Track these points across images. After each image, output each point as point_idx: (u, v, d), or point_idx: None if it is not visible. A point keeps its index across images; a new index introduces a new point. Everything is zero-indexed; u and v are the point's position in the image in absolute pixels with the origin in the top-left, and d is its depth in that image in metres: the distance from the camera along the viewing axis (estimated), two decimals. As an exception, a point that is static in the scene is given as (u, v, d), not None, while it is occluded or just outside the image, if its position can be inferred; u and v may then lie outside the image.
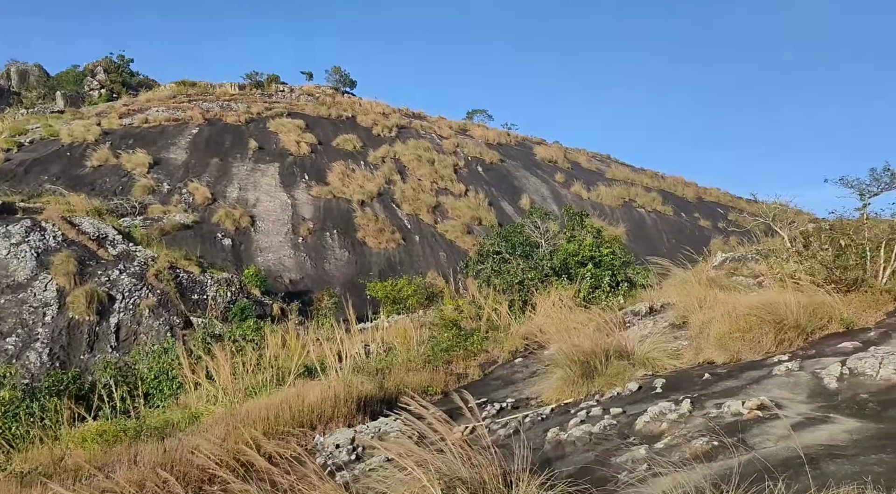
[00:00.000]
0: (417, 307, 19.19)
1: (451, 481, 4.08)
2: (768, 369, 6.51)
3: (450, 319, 12.69)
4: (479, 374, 10.76)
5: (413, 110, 50.54)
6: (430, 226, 33.68)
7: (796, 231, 10.28)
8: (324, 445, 7.14)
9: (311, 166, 36.67)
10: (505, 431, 6.81)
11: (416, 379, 9.87)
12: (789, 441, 4.58)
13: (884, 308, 8.12)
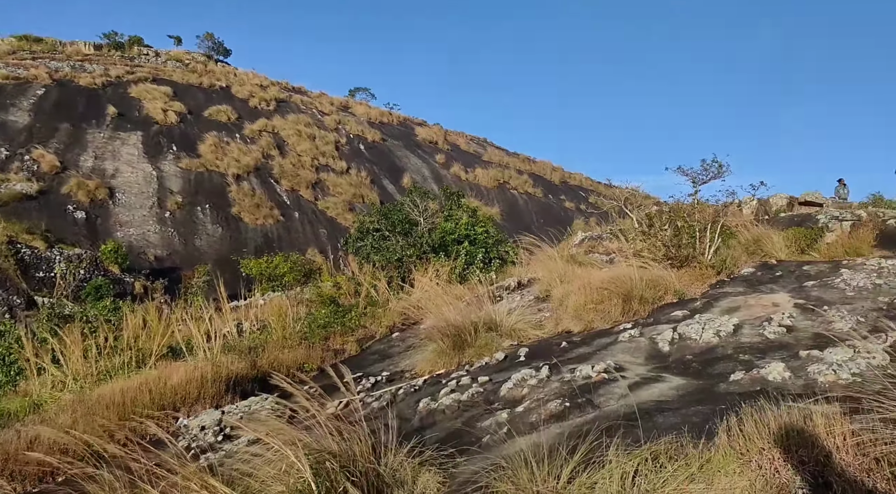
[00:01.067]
0: (295, 284, 18.99)
1: (321, 456, 4.21)
2: (615, 336, 7.31)
3: (328, 295, 12.78)
4: (357, 349, 11.00)
5: (293, 85, 48.95)
6: (310, 203, 33.12)
7: (643, 214, 11.45)
8: (188, 428, 7.03)
9: (180, 137, 34.59)
10: (379, 403, 7.10)
11: (292, 356, 9.90)
12: (628, 399, 5.27)
13: (708, 281, 9.32)
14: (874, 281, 7.96)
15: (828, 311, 6.80)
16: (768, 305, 7.47)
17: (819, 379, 4.89)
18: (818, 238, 10.45)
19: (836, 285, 8.04)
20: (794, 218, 12.49)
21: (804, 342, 6.07)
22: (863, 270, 8.50)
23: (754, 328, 6.70)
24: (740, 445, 3.43)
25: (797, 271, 9.14)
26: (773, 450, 3.27)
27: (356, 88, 58.06)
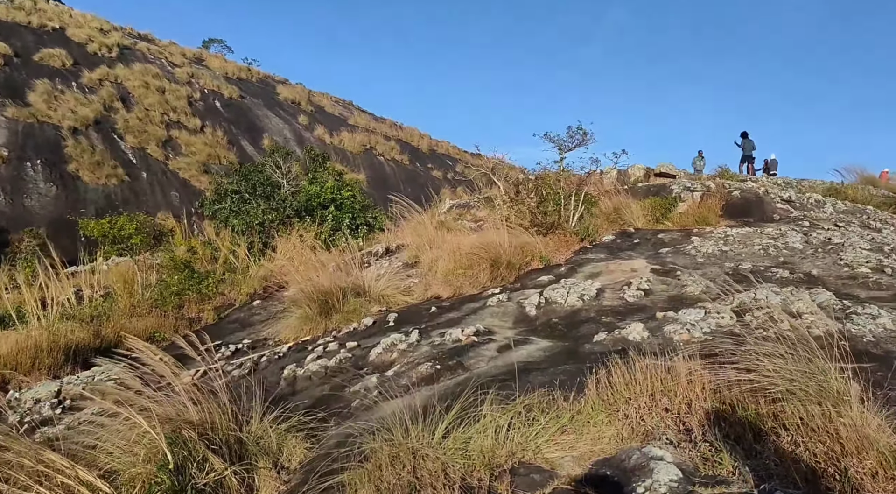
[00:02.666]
0: (143, 249, 17.40)
1: (177, 424, 3.86)
2: (484, 301, 7.34)
3: (182, 260, 11.78)
4: (215, 318, 10.28)
5: (139, 31, 44.41)
6: (160, 162, 30.48)
7: (510, 181, 11.66)
8: (20, 400, 6.20)
9: (5, 83, 30.26)
10: (240, 371, 6.65)
11: (142, 325, 9.05)
12: (498, 361, 5.27)
13: (572, 248, 9.68)
14: (721, 248, 8.65)
15: (681, 275, 7.25)
16: (628, 270, 7.85)
17: (675, 338, 5.15)
18: (672, 208, 11.22)
19: (688, 252, 8.64)
20: (650, 188, 13.34)
21: (660, 304, 6.42)
22: (711, 238, 9.22)
23: (615, 292, 6.99)
24: (608, 396, 3.52)
25: (653, 239, 9.73)
26: (639, 400, 3.36)
27: (210, 40, 53.67)
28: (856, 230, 10.36)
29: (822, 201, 13.42)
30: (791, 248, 8.72)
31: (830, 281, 7.05)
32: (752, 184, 14.88)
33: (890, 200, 15.75)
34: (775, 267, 7.68)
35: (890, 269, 7.38)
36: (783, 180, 19.93)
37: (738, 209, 11.96)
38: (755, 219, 11.34)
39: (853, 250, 8.41)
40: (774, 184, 17.15)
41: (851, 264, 7.75)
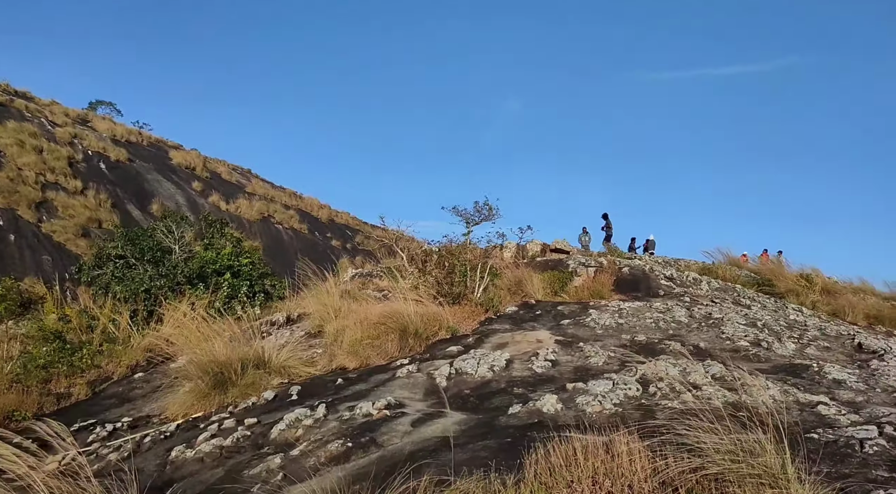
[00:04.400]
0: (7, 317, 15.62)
1: None
2: (393, 372, 7.15)
3: (52, 330, 10.66)
4: (88, 393, 9.27)
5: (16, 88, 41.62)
6: (31, 224, 28.03)
7: (417, 251, 11.75)
8: None
9: None
10: (118, 455, 5.99)
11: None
12: (412, 436, 5.08)
13: (478, 318, 9.77)
14: (617, 321, 9.05)
15: (584, 347, 7.47)
16: (533, 341, 7.98)
17: (588, 410, 5.23)
18: (568, 281, 11.70)
19: (588, 324, 8.95)
20: (548, 262, 13.90)
21: (567, 375, 6.54)
22: (607, 310, 9.63)
23: (524, 362, 7.06)
24: (548, 479, 3.39)
25: (553, 311, 10.03)
26: (582, 483, 3.27)
27: (98, 101, 51.36)
28: (730, 306, 11.22)
29: (699, 278, 14.51)
30: (678, 322, 9.27)
31: (717, 353, 7.52)
32: (639, 262, 15.89)
33: (752, 279, 17.27)
34: (667, 339, 8.11)
35: (766, 343, 8.00)
36: (663, 259, 21.47)
37: (628, 284, 12.67)
38: (643, 294, 12.03)
39: (732, 324, 9.07)
40: (656, 262, 18.42)
41: (732, 337, 8.34)
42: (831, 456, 3.62)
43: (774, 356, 7.34)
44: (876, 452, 3.68)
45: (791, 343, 8.04)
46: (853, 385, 5.85)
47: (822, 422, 4.48)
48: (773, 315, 10.63)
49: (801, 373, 6.41)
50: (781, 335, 8.68)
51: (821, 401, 5.07)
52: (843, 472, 3.36)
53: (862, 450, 3.71)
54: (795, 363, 6.87)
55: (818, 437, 4.03)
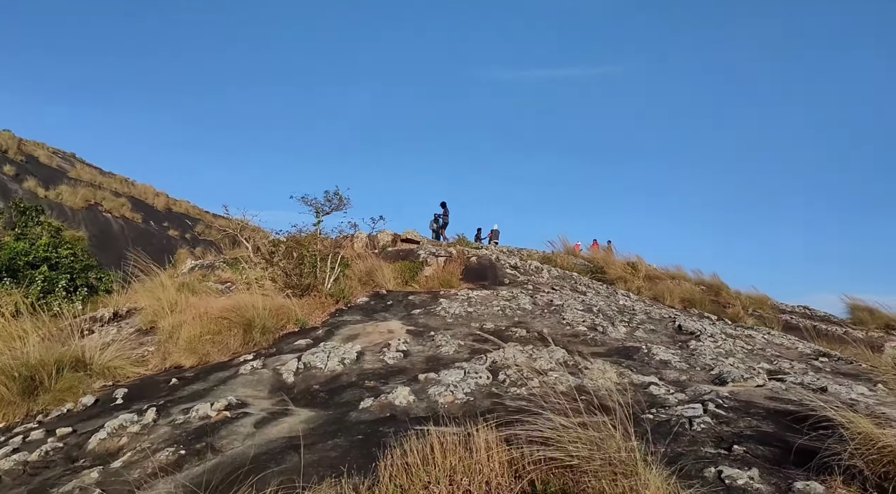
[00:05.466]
0: None
1: None
2: (235, 368, 6.68)
3: None
4: None
5: None
6: None
7: (261, 242, 11.12)
8: None
9: None
10: None
11: None
12: (256, 438, 4.74)
13: (328, 310, 9.46)
14: (466, 309, 9.20)
15: (435, 336, 7.48)
16: (385, 332, 7.87)
17: (440, 400, 5.21)
18: (419, 271, 11.71)
19: (438, 313, 9.01)
20: (399, 253, 13.83)
21: (419, 365, 6.50)
22: (456, 299, 9.77)
23: (375, 354, 6.92)
24: (404, 481, 3.25)
25: (405, 301, 9.98)
26: (440, 484, 3.17)
27: None
28: (569, 293, 11.92)
29: (540, 267, 15.29)
30: (523, 309, 9.65)
31: (559, 339, 7.90)
32: (486, 251, 16.40)
33: (587, 268, 18.58)
34: (514, 327, 8.39)
35: (601, 327, 8.57)
36: (507, 248, 22.41)
37: (476, 273, 13.00)
38: (490, 282, 12.41)
39: (571, 311, 9.61)
40: (501, 251, 19.15)
41: (572, 323, 8.83)
42: (666, 436, 3.88)
43: (609, 340, 7.86)
44: (703, 429, 4.01)
45: (623, 327, 8.67)
46: (677, 365, 6.41)
47: (655, 402, 4.82)
48: (606, 301, 11.45)
49: (633, 355, 6.91)
50: (614, 319, 9.34)
51: (652, 382, 5.47)
52: (677, 451, 3.61)
53: (691, 428, 4.03)
54: (628, 346, 7.40)
55: (653, 417, 4.32)
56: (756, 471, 3.21)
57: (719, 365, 6.39)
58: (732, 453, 3.59)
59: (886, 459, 2.97)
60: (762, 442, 3.77)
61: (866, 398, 5.11)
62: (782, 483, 3.13)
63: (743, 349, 7.91)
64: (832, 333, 12.71)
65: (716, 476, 3.22)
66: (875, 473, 2.98)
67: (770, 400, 4.96)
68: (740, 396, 5.09)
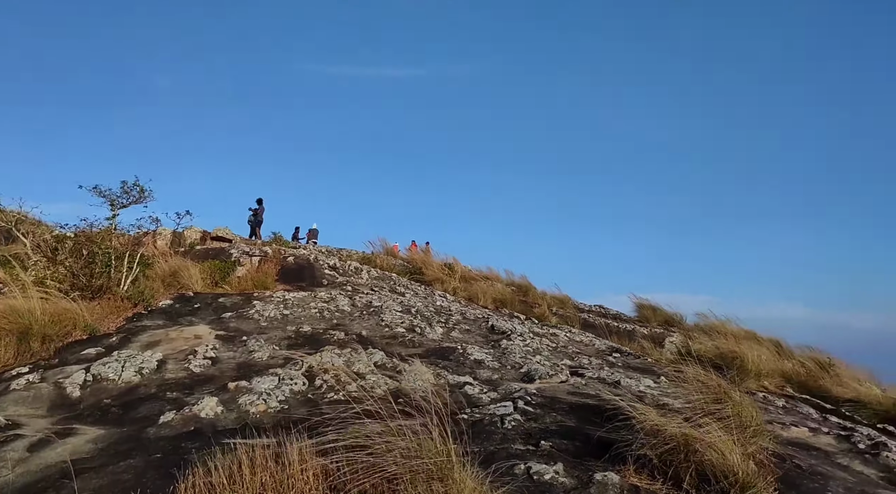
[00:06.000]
0: None
1: None
2: (6, 384, 5.71)
3: None
4: None
5: None
6: None
7: (41, 238, 9.67)
8: None
9: None
10: None
11: None
12: (29, 464, 4.07)
13: (125, 314, 8.51)
14: (282, 312, 8.81)
15: (248, 341, 7.06)
16: (191, 337, 7.25)
17: (251, 410, 4.91)
18: (231, 271, 10.99)
19: (252, 316, 8.52)
20: (209, 251, 12.86)
21: (229, 373, 6.08)
22: (272, 302, 9.31)
23: (179, 362, 6.34)
24: None
25: (214, 304, 9.30)
26: None
27: None
28: (388, 294, 12.00)
29: (360, 268, 15.22)
30: (342, 311, 9.50)
31: (378, 340, 7.89)
32: (304, 251, 15.94)
33: (405, 268, 18.91)
34: (332, 329, 8.22)
35: (419, 328, 8.71)
36: (326, 248, 22.03)
37: (293, 274, 12.56)
38: (308, 284, 12.06)
39: (390, 312, 9.67)
40: (320, 251, 18.77)
41: (391, 324, 8.87)
42: (480, 435, 4.01)
43: (427, 341, 8.01)
44: (514, 426, 4.21)
45: (440, 328, 8.90)
46: (490, 364, 6.71)
47: (470, 402, 4.98)
48: (424, 302, 11.70)
49: (450, 355, 7.11)
50: (432, 320, 9.56)
51: (467, 382, 5.65)
52: (490, 450, 3.74)
53: (503, 426, 4.21)
54: (444, 347, 7.60)
55: (468, 417, 4.45)
56: (561, 465, 3.43)
57: (528, 363, 6.80)
58: (540, 448, 3.81)
59: (669, 446, 3.34)
60: (566, 437, 4.05)
61: (652, 389, 5.76)
62: (584, 475, 3.38)
63: (548, 347, 8.52)
64: (623, 330, 14.24)
65: (525, 472, 3.39)
66: (661, 460, 3.34)
67: (572, 395, 5.38)
68: (546, 392, 5.45)
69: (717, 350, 8.84)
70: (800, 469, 4.06)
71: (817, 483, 3.86)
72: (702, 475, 3.27)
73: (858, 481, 4.15)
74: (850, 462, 4.57)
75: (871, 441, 5.11)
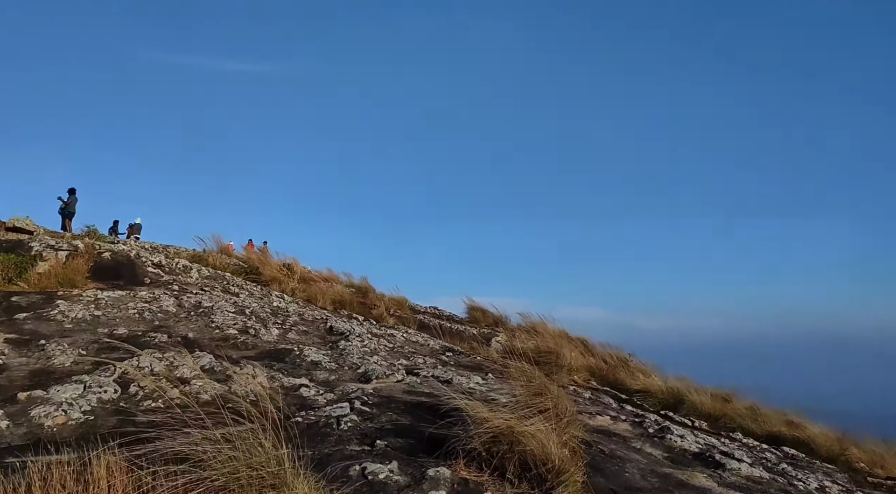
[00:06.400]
0: None
1: None
2: None
3: None
4: None
5: None
6: None
7: None
8: None
9: None
10: None
11: None
12: None
13: None
14: (93, 313, 7.91)
15: (47, 345, 6.24)
16: (-27, 343, 6.25)
17: (48, 423, 4.34)
18: (30, 267, 9.64)
19: (54, 318, 7.55)
20: (2, 243, 11.16)
21: (20, 381, 5.33)
22: (80, 301, 8.33)
23: (-46, 371, 5.44)
24: None
25: (6, 303, 8.12)
26: None
27: None
28: (220, 295, 11.32)
29: (189, 266, 14.19)
30: (166, 312, 8.79)
31: (206, 343, 7.40)
32: (124, 247, 14.53)
33: (241, 268, 18.00)
34: (153, 332, 7.56)
35: (253, 330, 8.31)
36: (150, 245, 20.30)
37: (110, 272, 11.38)
38: (127, 282, 11.00)
39: (222, 313, 9.12)
40: (143, 247, 17.24)
41: (222, 326, 8.37)
42: (315, 438, 3.88)
43: (261, 343, 7.66)
44: (350, 427, 4.13)
45: (276, 329, 8.55)
46: (327, 365, 6.56)
47: (305, 404, 4.81)
48: (259, 303, 11.19)
49: (285, 357, 6.85)
50: (267, 321, 9.16)
51: (303, 384, 5.47)
52: (325, 452, 3.63)
53: (339, 427, 4.11)
54: (280, 348, 7.30)
55: (302, 420, 4.29)
56: (395, 464, 3.42)
57: (365, 364, 6.75)
58: (375, 448, 3.77)
59: (496, 439, 3.47)
60: (401, 435, 4.06)
61: (480, 386, 5.97)
62: (417, 472, 3.40)
63: (386, 348, 8.54)
64: (455, 330, 14.68)
65: (360, 473, 3.33)
66: (489, 452, 3.46)
67: (408, 394, 5.42)
68: (383, 392, 5.43)
69: (537, 348, 9.43)
70: (604, 454, 4.46)
71: (617, 466, 4.27)
72: (524, 463, 3.44)
73: (649, 461, 4.65)
74: (642, 445, 5.11)
75: (658, 426, 5.76)
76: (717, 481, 4.52)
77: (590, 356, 11.39)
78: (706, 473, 4.66)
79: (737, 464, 4.96)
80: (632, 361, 11.39)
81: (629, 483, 3.99)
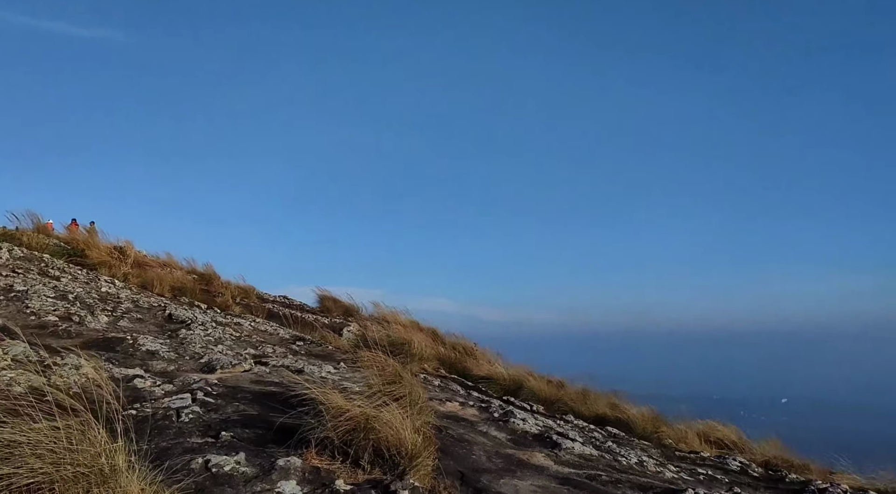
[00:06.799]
0: None
1: None
2: None
3: None
4: None
5: None
6: None
7: None
8: None
9: None
10: None
11: None
12: None
13: None
14: None
15: None
16: None
17: None
18: None
19: None
20: None
21: None
22: None
23: None
24: None
25: None
26: None
27: None
28: (37, 278, 10.17)
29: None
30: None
31: (20, 331, 6.58)
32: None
33: (63, 249, 16.26)
34: (-49, 318, 6.62)
35: (78, 317, 7.56)
36: (-52, 219, 17.65)
37: None
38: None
39: (39, 298, 8.21)
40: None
41: (39, 312, 7.53)
42: (152, 431, 3.62)
43: (87, 331, 6.99)
44: (191, 419, 3.90)
45: (105, 316, 7.85)
46: (166, 355, 6.13)
47: (139, 396, 4.47)
48: (85, 288, 10.19)
49: (116, 346, 6.31)
50: (95, 308, 8.38)
51: (137, 374, 5.07)
52: (163, 446, 3.40)
53: (179, 419, 3.87)
54: (110, 337, 6.71)
55: (137, 413, 3.98)
56: (243, 455, 3.29)
57: (209, 353, 6.41)
58: (220, 440, 3.61)
59: (350, 427, 3.48)
60: (249, 426, 3.92)
61: (333, 375, 5.93)
62: (266, 462, 3.30)
63: (232, 337, 8.16)
64: (306, 319, 14.36)
65: (203, 466, 3.17)
66: (342, 440, 3.45)
67: (256, 384, 5.23)
68: (229, 382, 5.20)
69: (389, 338, 9.55)
70: (453, 438, 4.65)
71: (465, 449, 4.47)
72: (378, 451, 3.47)
73: (494, 444, 4.93)
74: (488, 429, 5.40)
75: (502, 411, 6.12)
76: (553, 460, 4.88)
77: (439, 346, 11.72)
78: (545, 452, 5.01)
79: (571, 443, 5.39)
80: (477, 350, 11.90)
81: (476, 464, 4.18)
